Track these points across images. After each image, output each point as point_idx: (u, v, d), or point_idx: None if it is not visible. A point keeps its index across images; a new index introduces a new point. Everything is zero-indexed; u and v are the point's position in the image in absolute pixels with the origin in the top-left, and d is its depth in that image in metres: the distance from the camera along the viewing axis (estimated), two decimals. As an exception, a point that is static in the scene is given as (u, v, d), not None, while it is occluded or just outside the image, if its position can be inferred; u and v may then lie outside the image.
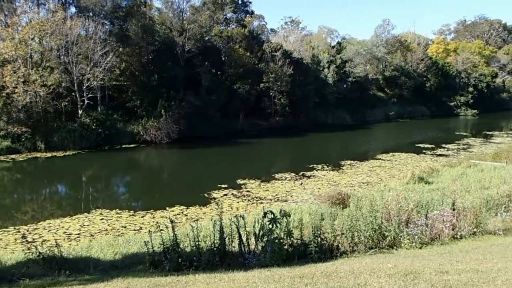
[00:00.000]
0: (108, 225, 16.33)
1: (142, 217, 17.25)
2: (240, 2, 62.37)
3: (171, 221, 8.75)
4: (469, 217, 9.79)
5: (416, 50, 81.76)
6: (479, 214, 10.00)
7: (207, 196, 20.60)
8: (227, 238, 8.65)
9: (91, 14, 42.42)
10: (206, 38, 49.41)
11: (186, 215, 17.47)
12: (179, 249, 8.35)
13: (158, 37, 45.13)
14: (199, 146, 38.71)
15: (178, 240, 8.40)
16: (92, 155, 33.89)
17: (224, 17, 57.02)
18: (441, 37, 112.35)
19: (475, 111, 75.88)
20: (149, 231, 9.05)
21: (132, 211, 18.05)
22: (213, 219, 9.07)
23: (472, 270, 5.94)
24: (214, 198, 20.20)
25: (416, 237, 9.00)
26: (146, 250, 8.29)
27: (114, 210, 18.18)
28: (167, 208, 18.26)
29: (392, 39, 79.73)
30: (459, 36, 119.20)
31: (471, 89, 79.05)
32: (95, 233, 15.32)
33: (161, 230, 8.67)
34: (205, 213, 17.68)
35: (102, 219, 17.10)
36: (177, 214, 17.54)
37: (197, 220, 16.11)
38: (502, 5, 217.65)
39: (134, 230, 15.61)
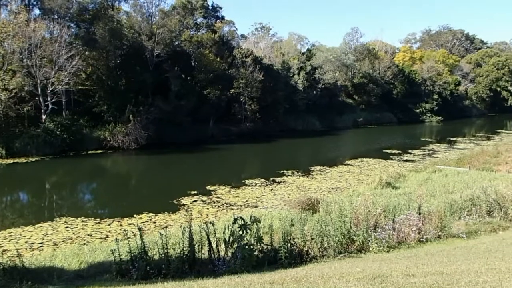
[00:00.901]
0: (73, 233, 15.83)
1: (109, 225, 16.82)
2: (210, 7, 62.37)
3: (139, 229, 8.60)
4: (434, 221, 10.01)
5: (384, 58, 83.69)
6: (443, 218, 10.24)
7: (176, 203, 20.32)
8: (196, 245, 8.56)
9: (56, 16, 41.35)
10: (176, 43, 49.03)
11: (154, 222, 17.16)
12: (147, 257, 8.19)
13: (126, 41, 44.43)
14: (168, 152, 38.22)
15: (146, 248, 8.25)
16: (56, 162, 32.87)
17: (194, 22, 56.75)
18: (407, 45, 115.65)
19: (440, 117, 77.84)
20: (116, 239, 8.85)
21: (98, 219, 17.57)
22: (183, 226, 8.98)
23: (437, 272, 6.06)
24: (184, 205, 19.95)
25: (384, 241, 9.13)
26: (113, 259, 8.09)
27: (79, 218, 17.65)
28: (135, 215, 17.89)
29: (360, 47, 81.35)
30: (424, 45, 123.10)
31: (435, 96, 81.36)
32: (59, 242, 14.81)
33: (129, 238, 8.49)
34: (174, 220, 17.42)
35: (66, 227, 16.55)
36: (145, 221, 17.20)
37: (166, 227, 15.85)
38: (464, 15, 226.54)
39: (101, 238, 15.20)
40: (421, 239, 9.60)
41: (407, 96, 78.30)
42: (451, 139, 49.34)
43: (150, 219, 17.50)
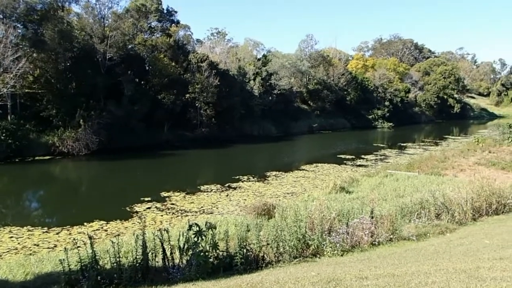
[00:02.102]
0: (18, 243, 15.00)
1: (57, 233, 16.07)
2: (165, 11, 61.60)
3: (90, 237, 8.27)
4: (386, 224, 10.27)
5: (338, 65, 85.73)
6: (395, 221, 10.53)
7: (129, 210, 19.76)
8: (150, 253, 8.34)
9: (1, 16, 39.31)
10: (129, 46, 48.00)
11: (106, 230, 16.58)
12: (98, 266, 7.88)
13: (77, 43, 42.88)
14: (121, 158, 37.19)
15: (97, 257, 7.93)
16: (0, 168, 31.16)
17: (149, 25, 55.83)
18: (360, 53, 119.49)
19: (391, 124, 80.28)
20: (65, 248, 8.45)
21: (45, 228, 16.75)
22: (136, 234, 8.71)
23: (389, 274, 6.19)
24: (137, 212, 19.43)
25: (338, 245, 9.26)
26: (62, 269, 7.71)
27: (25, 227, 16.75)
28: (85, 223, 17.21)
29: (315, 54, 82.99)
30: (376, 53, 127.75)
31: (387, 103, 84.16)
32: (3, 252, 13.98)
33: (79, 247, 8.17)
34: (126, 227, 16.91)
35: (11, 237, 15.66)
36: (96, 229, 16.59)
37: (118, 235, 15.33)
38: (413, 25, 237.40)
39: (48, 248, 14.48)
40: (373, 242, 9.81)
41: (360, 102, 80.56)
42: (402, 144, 51.05)
43: (102, 227, 16.90)
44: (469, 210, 12.16)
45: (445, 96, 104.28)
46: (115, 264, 8.03)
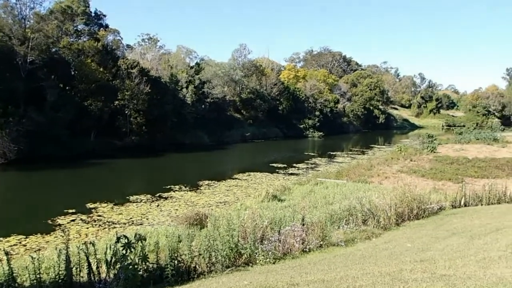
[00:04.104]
0: None
1: (-32, 251, 14.64)
2: (93, 14, 59.16)
3: (6, 253, 7.63)
4: (316, 231, 10.48)
5: (270, 75, 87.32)
6: (324, 228, 10.78)
7: (51, 223, 18.53)
8: (74, 268, 7.85)
9: None
10: (53, 49, 45.52)
11: (25, 245, 15.37)
12: (16, 284, 7.26)
13: (-7, 44, 39.93)
14: (42, 168, 34.86)
15: (14, 274, 7.31)
16: None
17: (75, 28, 53.39)
18: (292, 64, 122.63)
19: (321, 133, 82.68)
20: (-25, 267, 7.69)
21: (-47, 245, 15.22)
22: (58, 248, 8.17)
23: (319, 280, 6.30)
24: (60, 225, 18.27)
25: (270, 252, 9.29)
26: (-29, 290, 7.01)
27: None
28: (1, 238, 15.87)
29: (248, 63, 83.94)
30: (307, 64, 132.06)
31: (317, 113, 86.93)
32: None
33: (-8, 264, 7.45)
34: (48, 242, 15.81)
35: None
36: (14, 244, 15.35)
37: (39, 250, 14.34)
38: (342, 38, 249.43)
39: (-44, 267, 13.12)
40: (304, 249, 9.96)
41: (292, 112, 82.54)
42: (331, 153, 52.77)
43: (20, 242, 15.66)
44: (393, 216, 12.78)
45: (371, 107, 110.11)
46: (35, 281, 7.47)
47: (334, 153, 53.19)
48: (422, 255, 7.74)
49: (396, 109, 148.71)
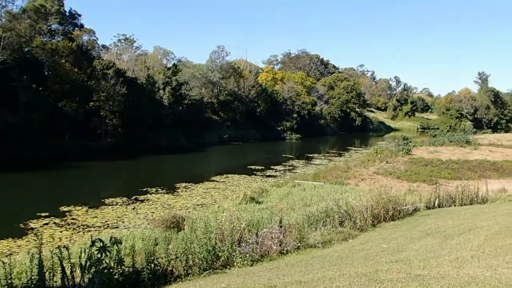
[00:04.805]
0: None
1: None
2: (67, 13, 58.04)
3: (-26, 259, 7.37)
4: (294, 233, 10.52)
5: (248, 77, 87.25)
6: (302, 230, 10.82)
7: (23, 226, 18.04)
8: (47, 273, 7.64)
9: None
10: (26, 49, 44.47)
11: (-5, 250, 14.95)
12: (-15, 291, 7.04)
13: (-37, 43, 38.77)
14: (13, 170, 33.86)
15: (-17, 281, 7.08)
16: None
17: (49, 28, 52.27)
18: (269, 66, 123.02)
19: (299, 135, 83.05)
20: None
21: None
22: (31, 252, 7.95)
23: (296, 282, 6.32)
24: (32, 229, 17.80)
25: (248, 255, 9.27)
26: None
27: None
28: (-30, 243, 15.38)
29: (226, 65, 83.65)
30: (285, 67, 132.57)
31: (295, 115, 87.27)
32: None
33: (-41, 271, 7.19)
34: (20, 246, 15.39)
35: None
36: (-17, 249, 14.89)
37: (10, 254, 13.89)
38: (319, 41, 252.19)
39: None
40: (282, 251, 9.98)
41: (269, 114, 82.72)
42: (309, 155, 53.01)
43: (-10, 247, 15.21)
44: (369, 217, 12.94)
45: (348, 110, 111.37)
46: (6, 286, 7.24)
47: (311, 155, 53.49)
48: (397, 256, 7.85)
49: (373, 111, 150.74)
